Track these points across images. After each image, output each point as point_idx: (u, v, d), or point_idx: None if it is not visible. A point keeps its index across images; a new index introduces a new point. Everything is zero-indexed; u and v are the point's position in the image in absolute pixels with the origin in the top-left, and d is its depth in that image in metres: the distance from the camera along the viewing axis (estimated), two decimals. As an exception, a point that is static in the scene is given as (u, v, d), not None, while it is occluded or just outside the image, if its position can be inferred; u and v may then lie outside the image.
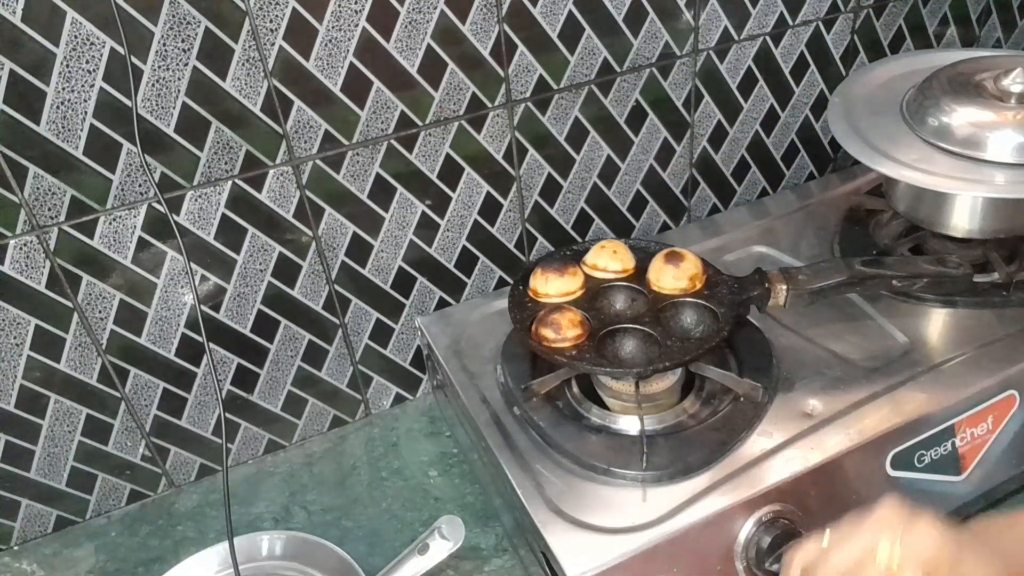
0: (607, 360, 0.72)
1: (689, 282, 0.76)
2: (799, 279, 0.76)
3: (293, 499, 0.89)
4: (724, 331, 0.72)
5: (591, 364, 0.71)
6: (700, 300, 0.75)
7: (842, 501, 0.71)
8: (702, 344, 0.71)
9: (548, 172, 0.92)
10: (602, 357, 0.72)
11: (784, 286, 0.75)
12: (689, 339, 0.73)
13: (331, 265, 0.86)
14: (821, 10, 0.97)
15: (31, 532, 0.87)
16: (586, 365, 0.71)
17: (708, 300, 0.75)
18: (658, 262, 0.77)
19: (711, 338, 0.72)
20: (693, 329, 0.75)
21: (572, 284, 0.77)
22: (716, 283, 0.77)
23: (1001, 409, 0.75)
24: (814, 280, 0.76)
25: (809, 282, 0.75)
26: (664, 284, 0.76)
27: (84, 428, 0.83)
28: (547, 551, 0.65)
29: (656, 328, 0.73)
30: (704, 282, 0.77)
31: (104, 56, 0.67)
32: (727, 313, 0.73)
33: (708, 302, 0.75)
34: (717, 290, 0.76)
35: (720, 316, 0.73)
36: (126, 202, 0.74)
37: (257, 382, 0.89)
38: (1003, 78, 0.80)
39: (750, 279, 0.77)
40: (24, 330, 0.76)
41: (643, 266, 0.79)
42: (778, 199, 1.05)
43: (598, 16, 0.84)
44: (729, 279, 0.77)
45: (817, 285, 0.75)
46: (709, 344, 0.71)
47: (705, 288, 0.77)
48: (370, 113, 0.79)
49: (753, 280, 0.76)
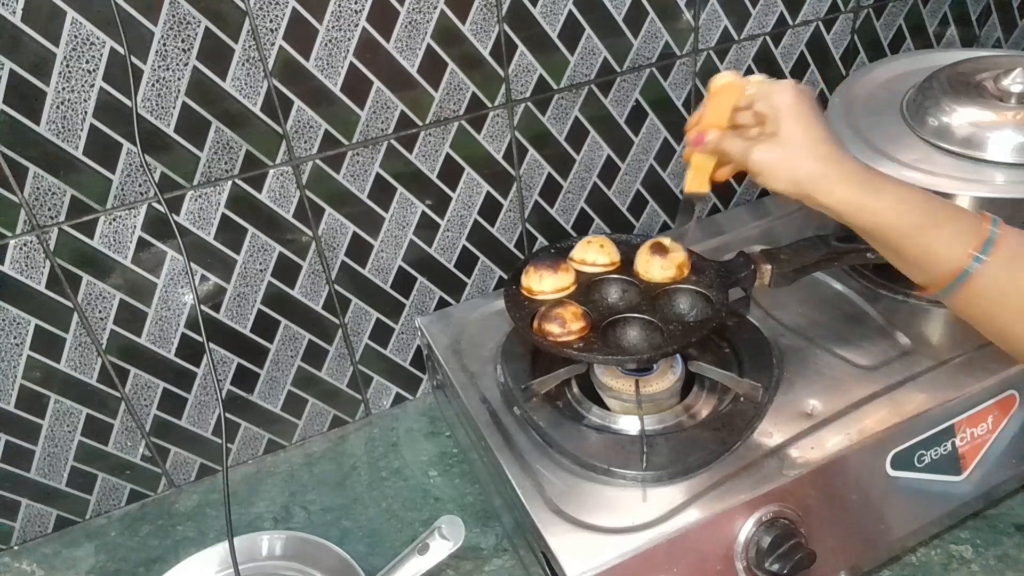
0: (614, 349, 0.72)
1: (677, 270, 0.77)
2: (781, 258, 0.76)
3: (293, 499, 0.89)
4: (722, 312, 0.73)
5: (601, 354, 0.71)
6: (691, 286, 0.76)
7: (842, 501, 0.71)
8: (703, 325, 0.72)
9: (548, 172, 0.92)
10: (608, 347, 0.72)
11: (768, 266, 0.76)
12: (688, 322, 0.73)
13: (331, 265, 0.86)
14: (821, 10, 0.97)
15: (31, 532, 0.87)
16: (597, 356, 0.71)
17: (698, 285, 0.76)
18: (644, 254, 0.78)
19: (711, 319, 0.73)
20: (688, 313, 0.76)
21: (565, 280, 0.77)
22: (702, 268, 0.78)
23: (1001, 409, 0.75)
24: (795, 258, 0.76)
25: (791, 261, 0.76)
26: (653, 275, 0.77)
27: (84, 428, 0.83)
28: (547, 551, 0.65)
29: (655, 315, 0.73)
30: (690, 268, 0.78)
31: (104, 56, 0.67)
32: (719, 295, 0.74)
33: (699, 287, 0.76)
34: (705, 275, 0.77)
35: (713, 299, 0.74)
36: (126, 202, 0.74)
37: (257, 382, 0.89)
38: (1003, 78, 0.80)
39: (735, 262, 0.78)
40: (24, 330, 0.76)
41: (628, 258, 0.79)
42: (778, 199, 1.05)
43: (598, 16, 0.84)
44: (715, 263, 0.78)
45: (800, 263, 0.76)
46: (711, 324, 0.72)
47: (692, 274, 0.77)
48: (370, 113, 0.79)
49: (738, 263, 0.77)
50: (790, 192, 0.63)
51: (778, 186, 0.63)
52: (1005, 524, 0.79)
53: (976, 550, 0.76)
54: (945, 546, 0.77)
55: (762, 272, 0.76)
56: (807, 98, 0.64)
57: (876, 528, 0.73)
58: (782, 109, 0.63)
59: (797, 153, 0.62)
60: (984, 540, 0.77)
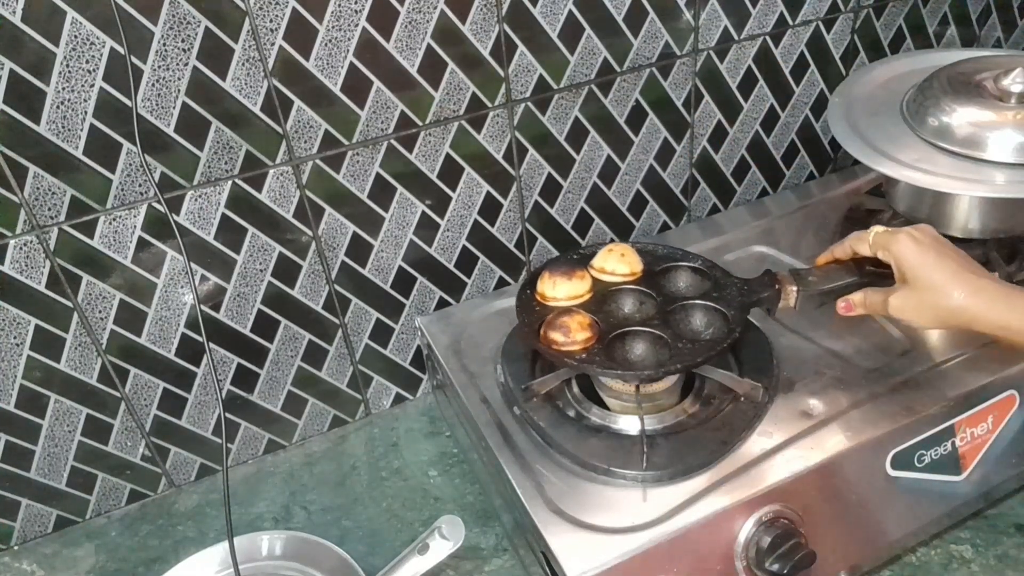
0: (617, 363, 0.71)
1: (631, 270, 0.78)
2: (809, 280, 0.74)
3: (293, 499, 0.89)
4: (735, 333, 0.71)
5: (601, 367, 0.70)
6: (710, 302, 0.75)
7: (842, 501, 0.71)
8: (713, 346, 0.71)
9: (548, 172, 0.92)
10: (612, 360, 0.71)
11: (795, 288, 0.74)
12: (699, 341, 0.72)
13: (331, 265, 0.86)
14: (821, 10, 0.97)
15: (31, 532, 0.87)
16: (596, 368, 0.70)
17: (717, 302, 0.75)
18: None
19: (721, 340, 0.71)
20: (703, 331, 0.74)
21: (580, 288, 0.76)
22: (725, 285, 0.76)
23: (1001, 409, 0.75)
24: (825, 281, 0.74)
25: (820, 283, 0.74)
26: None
27: (84, 428, 0.83)
28: (547, 551, 0.65)
29: (666, 331, 0.72)
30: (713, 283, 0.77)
31: (104, 56, 0.67)
32: (737, 315, 0.73)
33: (718, 304, 0.74)
34: (726, 292, 0.75)
35: (730, 318, 0.73)
36: (126, 202, 0.74)
37: (257, 382, 0.89)
38: (1003, 78, 0.80)
39: (760, 281, 0.76)
40: (24, 330, 0.76)
41: (651, 269, 0.79)
42: (778, 199, 1.05)
43: (598, 16, 0.84)
44: (738, 281, 0.77)
45: (828, 286, 0.74)
46: (720, 346, 0.70)
47: (714, 290, 0.76)
48: (370, 113, 0.79)
49: (763, 282, 0.76)
50: (940, 328, 0.69)
51: (927, 326, 0.68)
52: (1005, 524, 0.79)
53: (976, 550, 0.76)
54: (945, 546, 0.77)
55: (787, 293, 0.74)
56: (925, 238, 0.68)
57: (876, 528, 0.73)
58: (903, 260, 0.67)
59: (931, 296, 0.66)
60: (984, 540, 0.77)
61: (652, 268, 0.79)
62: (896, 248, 0.68)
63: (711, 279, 0.78)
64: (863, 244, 0.71)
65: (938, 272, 0.66)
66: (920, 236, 0.68)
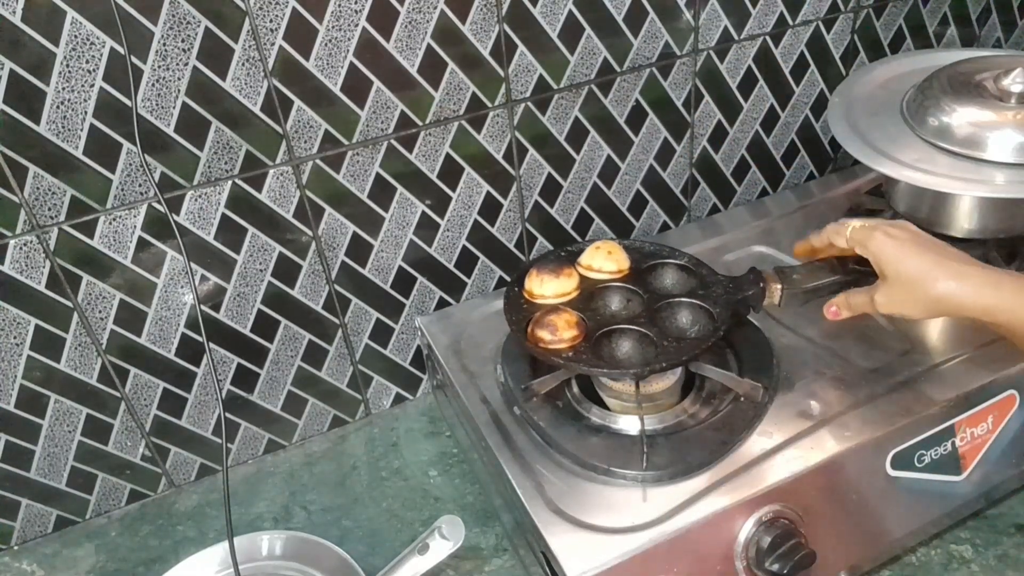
0: (604, 361, 0.72)
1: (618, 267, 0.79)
2: (794, 278, 0.76)
3: (293, 499, 0.89)
4: (720, 331, 0.72)
5: (588, 365, 0.71)
6: (695, 300, 0.75)
7: (842, 501, 0.71)
8: (698, 344, 0.71)
9: (548, 172, 0.92)
10: (599, 358, 0.71)
11: (779, 285, 0.75)
12: (685, 339, 0.73)
13: (331, 265, 0.86)
14: (821, 10, 0.97)
15: (31, 532, 0.87)
16: (583, 366, 0.71)
17: (703, 300, 0.75)
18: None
19: (707, 338, 0.72)
20: (689, 329, 0.75)
21: (567, 285, 0.77)
22: (711, 282, 0.77)
23: (1001, 409, 0.75)
24: (809, 279, 0.76)
25: (804, 281, 0.75)
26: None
27: (84, 428, 0.83)
28: (547, 551, 0.65)
29: (652, 328, 0.73)
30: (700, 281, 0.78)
31: (104, 56, 0.67)
32: (722, 313, 0.74)
33: (703, 302, 0.75)
34: (712, 290, 0.76)
35: (716, 316, 0.74)
36: (126, 202, 0.74)
37: (257, 382, 0.89)
38: (1003, 78, 0.80)
39: (745, 279, 0.77)
40: (24, 330, 0.76)
41: (638, 267, 0.79)
42: (778, 199, 1.05)
43: (598, 16, 0.84)
44: (724, 279, 0.77)
45: (812, 284, 0.75)
46: (705, 344, 0.71)
47: (700, 288, 0.77)
48: (370, 113, 0.79)
49: (748, 280, 0.76)
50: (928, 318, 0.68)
51: (915, 317, 0.68)
52: (1005, 524, 0.79)
53: (976, 550, 0.76)
54: (945, 546, 0.77)
55: (772, 291, 0.75)
56: (902, 233, 0.67)
57: (876, 528, 0.73)
58: (881, 256, 0.67)
59: (914, 288, 0.65)
60: (984, 540, 0.77)
61: (639, 266, 0.79)
62: (873, 245, 0.67)
63: (697, 277, 0.79)
64: (840, 237, 0.71)
65: (919, 263, 0.65)
66: (896, 232, 0.67)
